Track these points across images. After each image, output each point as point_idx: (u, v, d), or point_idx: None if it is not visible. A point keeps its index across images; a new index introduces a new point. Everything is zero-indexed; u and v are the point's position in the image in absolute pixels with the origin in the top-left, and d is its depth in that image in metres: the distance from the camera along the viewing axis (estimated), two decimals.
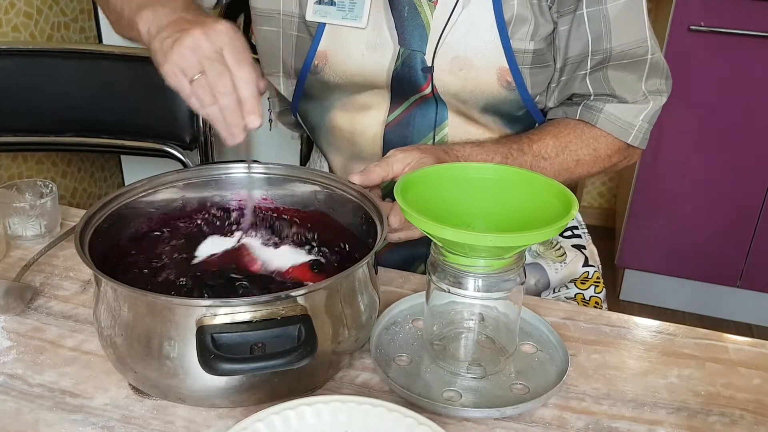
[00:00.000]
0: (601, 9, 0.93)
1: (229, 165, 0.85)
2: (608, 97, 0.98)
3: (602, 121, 0.98)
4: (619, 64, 0.96)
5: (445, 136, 1.00)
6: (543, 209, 0.71)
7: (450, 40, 0.93)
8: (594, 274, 1.09)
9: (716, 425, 0.69)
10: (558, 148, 0.97)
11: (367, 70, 0.96)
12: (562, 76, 0.99)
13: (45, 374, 0.71)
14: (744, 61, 1.98)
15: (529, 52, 0.94)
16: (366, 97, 1.00)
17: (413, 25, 0.94)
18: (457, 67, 0.94)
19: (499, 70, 0.94)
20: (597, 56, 0.95)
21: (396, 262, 0.98)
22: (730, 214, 2.17)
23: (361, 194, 0.79)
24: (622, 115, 0.98)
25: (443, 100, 0.97)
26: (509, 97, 0.96)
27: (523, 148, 0.96)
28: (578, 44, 0.95)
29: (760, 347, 0.80)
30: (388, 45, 0.95)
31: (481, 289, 0.70)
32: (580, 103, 1.00)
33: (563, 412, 0.69)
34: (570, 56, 0.96)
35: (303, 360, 0.58)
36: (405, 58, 0.94)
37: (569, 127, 0.99)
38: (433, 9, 0.93)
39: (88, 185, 2.12)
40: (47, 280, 0.86)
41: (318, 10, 0.95)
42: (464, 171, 0.79)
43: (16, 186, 0.96)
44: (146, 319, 0.63)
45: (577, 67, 0.97)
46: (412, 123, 0.99)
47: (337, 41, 0.96)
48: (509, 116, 1.00)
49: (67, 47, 1.49)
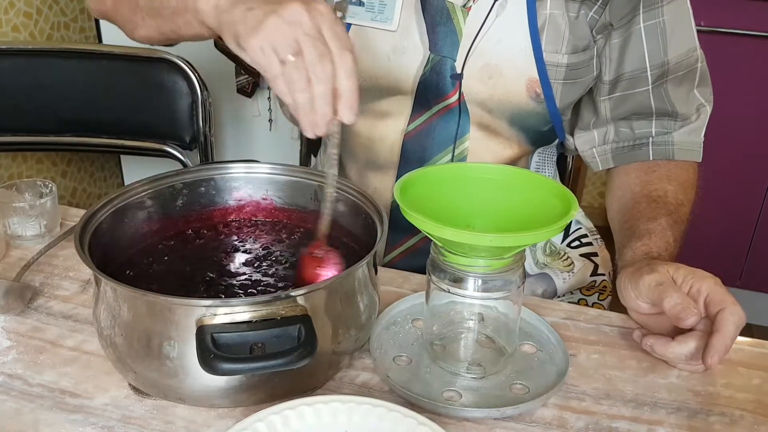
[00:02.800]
0: (658, 22, 0.91)
1: (229, 165, 0.85)
2: (667, 117, 0.96)
3: (678, 153, 0.97)
4: (676, 77, 0.94)
5: (465, 149, 0.97)
6: (543, 209, 0.71)
7: (481, 47, 0.92)
8: (601, 282, 1.08)
9: (716, 425, 0.69)
10: (677, 201, 0.93)
11: (393, 73, 0.95)
12: (615, 91, 0.96)
13: (45, 374, 0.71)
14: (744, 61, 1.98)
15: (563, 66, 0.92)
16: (387, 104, 0.98)
17: (445, 31, 0.92)
18: (487, 75, 0.93)
19: (529, 80, 0.93)
20: (655, 70, 0.94)
21: (412, 271, 0.95)
22: (730, 214, 2.17)
23: (362, 194, 0.79)
24: (689, 138, 0.97)
25: (467, 111, 0.95)
26: (536, 110, 0.95)
27: (668, 223, 0.89)
28: (634, 58, 0.93)
29: (760, 347, 0.80)
30: (417, 49, 0.94)
31: (480, 289, 0.70)
32: (639, 144, 0.98)
33: (563, 412, 0.69)
34: (626, 71, 0.94)
35: (303, 360, 0.58)
36: (434, 64, 0.93)
37: (656, 176, 0.96)
38: (466, 15, 0.92)
39: (88, 185, 2.12)
40: (47, 280, 0.86)
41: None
42: (464, 171, 0.79)
43: (15, 186, 0.96)
44: (146, 319, 0.63)
45: (635, 83, 0.95)
46: (433, 134, 0.97)
47: (363, 42, 0.95)
48: (534, 131, 0.98)
49: (67, 47, 1.48)
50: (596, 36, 0.93)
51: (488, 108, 0.95)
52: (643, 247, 0.85)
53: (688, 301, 0.72)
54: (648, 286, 0.75)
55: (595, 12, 0.91)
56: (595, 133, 1.01)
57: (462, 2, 0.92)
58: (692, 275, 0.75)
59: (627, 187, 0.98)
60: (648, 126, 0.98)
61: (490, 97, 0.94)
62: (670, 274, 0.76)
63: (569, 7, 0.90)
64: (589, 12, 0.91)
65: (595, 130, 1.01)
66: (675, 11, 0.92)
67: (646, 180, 0.96)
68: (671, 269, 0.76)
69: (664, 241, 0.86)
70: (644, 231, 0.88)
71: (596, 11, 0.91)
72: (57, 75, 1.45)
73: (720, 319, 0.71)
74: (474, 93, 0.94)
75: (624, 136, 0.99)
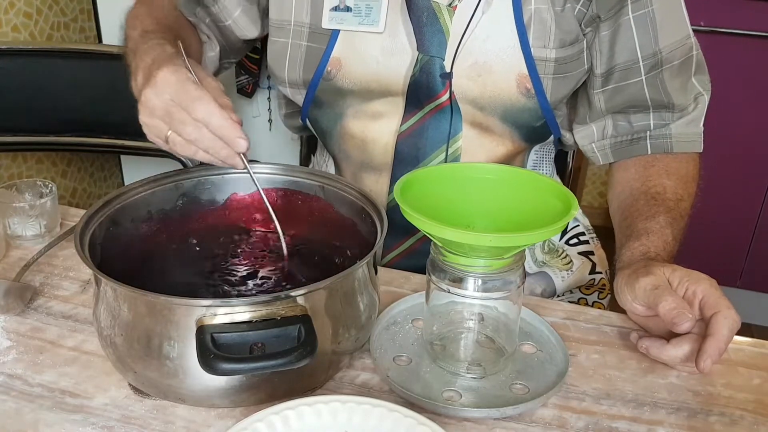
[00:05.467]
0: (648, 11, 0.91)
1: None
2: (664, 109, 0.96)
3: (677, 145, 0.97)
4: (672, 66, 0.94)
5: (458, 149, 0.97)
6: (543, 209, 0.71)
7: (469, 45, 0.92)
8: (600, 280, 1.08)
9: (716, 425, 0.69)
10: (677, 196, 0.93)
11: (383, 76, 0.95)
12: (608, 83, 0.96)
13: (45, 374, 0.71)
14: (744, 61, 1.98)
15: (551, 60, 0.92)
16: (379, 105, 0.98)
17: (432, 31, 0.92)
18: (476, 72, 0.93)
19: (519, 76, 0.93)
20: (648, 60, 0.93)
21: (413, 270, 0.95)
22: (730, 214, 2.17)
23: (361, 194, 0.79)
24: (688, 129, 0.97)
25: (459, 110, 0.95)
26: (528, 105, 0.95)
27: (669, 221, 0.89)
28: (625, 50, 0.93)
29: (760, 347, 0.80)
30: (405, 51, 0.94)
31: (480, 289, 0.70)
32: (638, 137, 0.98)
33: (563, 412, 0.69)
34: (618, 63, 0.94)
35: (303, 360, 0.58)
36: (423, 65, 0.93)
37: (655, 171, 0.96)
38: (452, 15, 0.92)
39: (88, 185, 2.12)
40: (47, 280, 0.86)
41: (334, 17, 0.94)
42: (464, 171, 0.79)
43: (15, 186, 0.96)
44: (146, 319, 0.63)
45: (628, 74, 0.95)
46: (425, 134, 0.97)
47: (351, 47, 0.95)
48: (527, 127, 0.98)
49: (67, 47, 1.49)
50: (585, 29, 0.93)
51: (480, 106, 0.95)
52: (641, 247, 0.85)
53: (683, 305, 0.72)
54: (644, 290, 0.76)
55: (582, 5, 0.91)
56: (593, 127, 1.01)
57: (447, 1, 0.92)
58: (688, 278, 0.75)
59: (626, 183, 0.98)
60: (646, 119, 0.97)
61: (481, 94, 0.94)
62: (666, 277, 0.76)
63: (554, 1, 0.90)
64: (576, 5, 0.91)
65: (593, 125, 1.00)
66: (664, 0, 0.92)
67: (645, 175, 0.96)
68: (667, 271, 0.76)
69: (663, 240, 0.86)
70: (642, 230, 0.88)
71: (583, 4, 0.91)
72: (57, 75, 1.46)
73: (714, 322, 0.71)
74: (464, 91, 0.94)
75: (622, 130, 0.99)
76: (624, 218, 0.93)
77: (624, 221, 0.93)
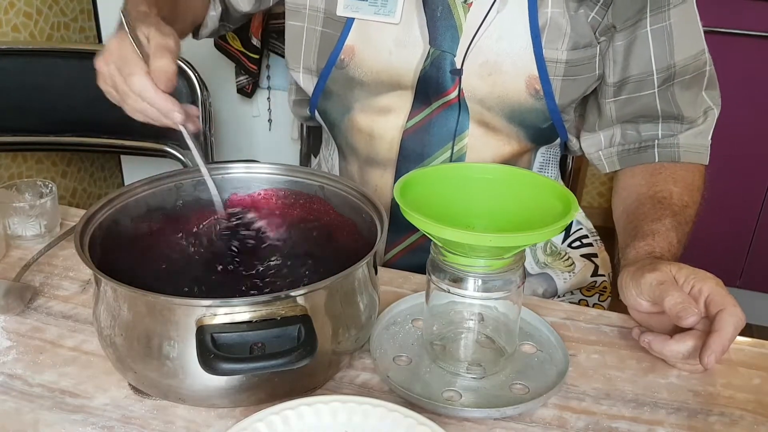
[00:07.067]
0: (665, 26, 0.91)
1: (229, 165, 0.85)
2: (673, 120, 0.96)
3: (684, 155, 0.97)
4: (683, 80, 0.94)
5: (464, 146, 0.97)
6: (543, 209, 0.71)
7: (481, 44, 0.92)
8: (602, 283, 1.08)
9: (716, 425, 0.69)
10: (682, 203, 0.94)
11: (394, 67, 0.95)
12: (621, 93, 0.96)
13: (45, 374, 0.71)
14: (744, 61, 1.98)
15: (562, 62, 0.92)
16: (388, 99, 0.98)
17: (445, 26, 0.92)
18: (486, 71, 0.93)
19: (529, 77, 0.92)
20: (662, 74, 0.94)
21: (413, 268, 0.95)
22: (730, 214, 2.16)
23: (362, 194, 0.79)
24: (696, 141, 0.97)
25: (467, 108, 0.95)
26: (536, 106, 0.94)
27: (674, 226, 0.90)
28: (641, 62, 0.93)
29: (760, 347, 0.80)
30: (417, 44, 0.94)
31: (480, 289, 0.70)
32: (645, 146, 0.98)
33: (563, 412, 0.69)
34: (632, 74, 0.94)
35: (303, 360, 0.58)
36: (434, 59, 0.93)
37: (662, 177, 0.96)
38: (467, 11, 0.92)
39: (88, 185, 2.12)
40: (47, 280, 0.86)
41: (349, 4, 0.95)
42: (464, 171, 0.79)
43: (15, 186, 0.96)
44: (146, 319, 0.63)
45: (641, 86, 0.95)
46: (432, 130, 0.97)
47: (365, 36, 0.95)
48: (533, 128, 0.98)
49: (67, 47, 1.48)
50: (599, 38, 0.93)
51: (487, 105, 0.95)
52: (647, 246, 0.86)
53: (689, 300, 0.72)
54: (649, 285, 0.75)
55: (597, 13, 0.91)
56: (601, 135, 1.01)
57: None
58: (694, 275, 0.75)
59: (632, 188, 0.98)
60: (654, 129, 0.97)
61: (490, 93, 0.94)
62: (672, 274, 0.76)
63: (569, 5, 0.90)
64: (590, 13, 0.91)
65: (601, 133, 1.00)
66: (682, 15, 0.92)
67: (652, 181, 0.96)
68: (673, 269, 0.76)
69: (668, 241, 0.86)
70: (648, 231, 0.88)
71: (598, 12, 0.91)
72: (57, 75, 1.45)
73: (719, 319, 0.71)
74: (473, 89, 0.94)
75: (630, 138, 0.99)
76: (629, 221, 0.93)
77: (629, 224, 0.93)
